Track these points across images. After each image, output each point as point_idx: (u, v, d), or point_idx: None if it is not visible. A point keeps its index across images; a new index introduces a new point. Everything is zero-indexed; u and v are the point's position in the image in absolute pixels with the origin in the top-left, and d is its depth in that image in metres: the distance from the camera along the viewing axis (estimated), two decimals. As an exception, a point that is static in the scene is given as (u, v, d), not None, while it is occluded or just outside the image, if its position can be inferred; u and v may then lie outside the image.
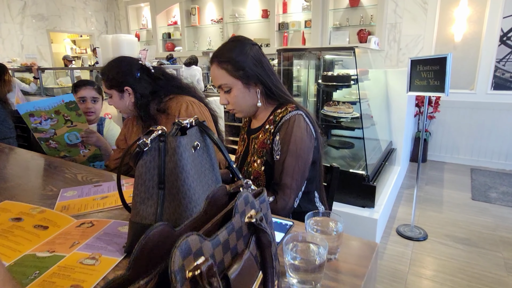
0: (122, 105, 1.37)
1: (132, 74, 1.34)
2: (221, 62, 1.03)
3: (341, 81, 2.45)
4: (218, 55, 1.03)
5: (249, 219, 0.40)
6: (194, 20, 5.83)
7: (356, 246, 0.68)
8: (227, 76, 1.02)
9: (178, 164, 0.60)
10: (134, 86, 1.33)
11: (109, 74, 1.34)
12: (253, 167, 1.05)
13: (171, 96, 1.38)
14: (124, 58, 1.39)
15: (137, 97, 1.35)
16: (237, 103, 1.05)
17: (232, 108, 1.07)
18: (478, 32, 3.86)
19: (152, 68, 1.39)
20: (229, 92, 1.04)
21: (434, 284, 2.01)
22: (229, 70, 1.02)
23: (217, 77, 1.03)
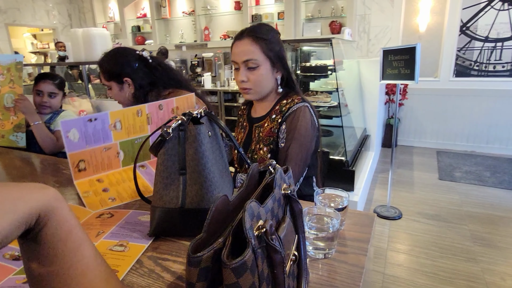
0: (122, 96, 1.38)
1: (130, 65, 1.34)
2: (257, 38, 1.04)
3: (319, 72, 2.54)
4: (256, 31, 1.05)
5: (285, 191, 0.46)
6: (165, 12, 5.70)
7: (357, 218, 0.77)
8: (259, 52, 1.04)
9: (198, 150, 0.65)
10: (133, 77, 1.34)
11: (107, 65, 1.34)
12: (259, 154, 1.10)
13: (171, 90, 1.40)
14: (122, 48, 1.40)
15: (136, 88, 1.36)
16: (259, 82, 1.07)
17: (250, 88, 1.08)
18: (441, 23, 4.11)
19: (150, 58, 1.40)
20: (254, 70, 1.05)
21: (411, 257, 2.19)
22: (263, 48, 1.04)
23: (248, 52, 1.03)
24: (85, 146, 0.99)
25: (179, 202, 0.65)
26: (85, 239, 0.34)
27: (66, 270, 0.32)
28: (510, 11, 3.76)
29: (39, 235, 0.31)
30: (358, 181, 2.68)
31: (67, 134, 0.94)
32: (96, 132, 1.01)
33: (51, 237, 0.31)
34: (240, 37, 1.06)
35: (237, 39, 1.06)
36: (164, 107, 1.15)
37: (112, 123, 1.04)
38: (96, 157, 1.02)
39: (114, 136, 1.05)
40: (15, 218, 0.27)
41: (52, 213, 0.31)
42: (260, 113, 1.15)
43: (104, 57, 1.36)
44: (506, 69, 3.92)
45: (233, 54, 1.07)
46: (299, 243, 0.47)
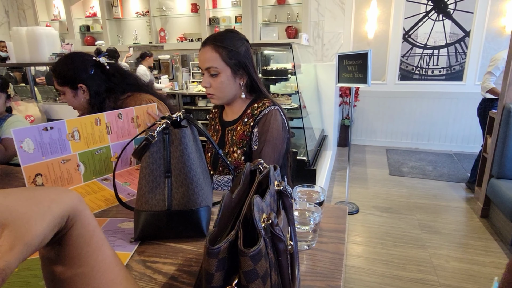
0: (76, 102, 1.32)
1: (86, 71, 1.30)
2: (217, 46, 1.07)
3: (280, 75, 2.63)
4: (216, 39, 1.08)
5: (278, 187, 0.50)
6: (117, 12, 5.46)
7: (332, 211, 0.83)
8: (219, 60, 1.07)
9: (184, 153, 0.66)
10: (88, 83, 1.30)
11: (61, 70, 1.28)
12: (232, 157, 1.12)
13: (129, 94, 1.37)
14: (77, 54, 1.34)
15: (91, 95, 1.31)
16: (221, 89, 1.10)
17: (213, 93, 1.11)
18: (386, 31, 4.46)
19: (107, 64, 1.36)
20: (215, 77, 1.08)
21: (368, 248, 2.35)
22: (223, 55, 1.07)
23: (209, 59, 1.07)
24: (42, 158, 0.93)
25: (166, 205, 0.66)
26: (105, 240, 0.35)
27: (90, 270, 0.32)
28: (444, 21, 4.21)
29: (65, 236, 0.31)
30: (319, 179, 2.81)
31: (21, 145, 0.88)
32: (53, 142, 0.95)
33: (77, 238, 0.31)
34: (204, 44, 1.10)
35: (202, 46, 1.10)
36: (123, 116, 1.13)
37: (70, 133, 0.99)
38: (54, 170, 0.96)
39: (73, 147, 1.00)
40: (51, 219, 0.28)
41: (78, 215, 0.31)
42: (231, 117, 1.18)
43: (58, 61, 1.32)
44: (442, 73, 4.37)
45: (199, 61, 1.11)
46: (291, 235, 0.51)
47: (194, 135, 0.79)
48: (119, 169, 1.12)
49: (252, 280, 0.34)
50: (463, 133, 4.40)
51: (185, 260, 0.62)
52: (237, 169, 1.10)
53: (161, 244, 0.68)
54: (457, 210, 2.88)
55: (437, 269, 2.09)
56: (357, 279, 2.04)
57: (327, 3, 4.51)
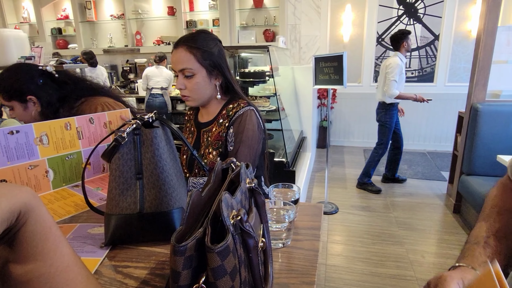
0: (27, 116, 1.24)
1: (33, 81, 1.22)
2: (191, 47, 1.06)
3: (257, 77, 2.64)
4: (189, 40, 1.06)
5: (249, 184, 0.49)
6: (90, 15, 5.32)
7: (307, 209, 0.84)
8: (194, 61, 1.06)
9: (156, 154, 0.65)
10: (38, 94, 1.23)
11: (7, 84, 1.20)
12: (208, 158, 1.11)
13: (83, 99, 1.31)
14: (21, 64, 1.28)
15: (43, 106, 1.24)
16: (196, 90, 1.09)
17: (188, 95, 1.09)
18: (361, 34, 4.58)
19: (56, 72, 1.29)
20: (190, 78, 1.07)
21: (348, 247, 2.39)
22: (197, 56, 1.06)
23: (183, 61, 1.05)
24: (7, 163, 0.88)
25: (138, 207, 0.64)
26: (63, 237, 0.33)
27: (47, 268, 0.31)
28: (415, 25, 4.37)
29: (19, 233, 0.29)
30: (298, 180, 2.83)
31: (-16, 149, 0.84)
32: (20, 147, 0.91)
33: (31, 234, 0.30)
34: (176, 46, 1.08)
35: (174, 48, 1.08)
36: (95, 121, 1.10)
37: (38, 137, 0.95)
38: (20, 176, 0.92)
39: (41, 152, 0.96)
40: None
41: (31, 211, 0.30)
42: (207, 118, 1.17)
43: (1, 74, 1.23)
44: (415, 75, 4.53)
45: (171, 62, 1.09)
46: (263, 232, 0.51)
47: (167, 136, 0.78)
48: (90, 176, 1.09)
49: (220, 276, 0.33)
50: (435, 132, 4.57)
51: (158, 263, 0.61)
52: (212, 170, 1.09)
53: (133, 248, 0.66)
54: (432, 206, 2.99)
55: (414, 264, 2.15)
56: (337, 277, 2.06)
57: (303, 7, 4.58)
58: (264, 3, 4.66)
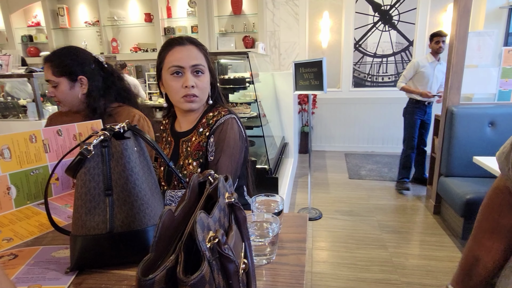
0: (70, 95, 1.26)
1: (88, 64, 1.28)
2: (198, 46, 1.03)
3: (238, 84, 2.61)
4: (193, 40, 1.03)
5: (229, 200, 0.45)
6: (63, 21, 5.15)
7: (291, 220, 0.80)
8: (204, 60, 1.03)
9: (127, 167, 0.59)
10: (89, 76, 1.28)
11: (62, 60, 1.24)
12: (188, 170, 1.05)
13: (121, 104, 1.35)
14: (77, 47, 1.31)
15: (90, 89, 1.28)
16: (205, 90, 1.05)
17: (197, 95, 1.02)
18: (338, 40, 4.66)
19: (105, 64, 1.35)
20: (200, 76, 1.02)
21: (333, 252, 2.37)
22: (205, 56, 1.04)
23: (196, 57, 1.01)
24: None
25: (107, 227, 0.58)
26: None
27: None
28: (390, 32, 4.49)
29: None
30: (281, 187, 2.80)
31: None
32: None
33: None
34: (181, 43, 1.01)
35: (177, 44, 1.01)
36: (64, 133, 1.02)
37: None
38: None
39: (2, 167, 0.88)
40: None
41: None
42: (186, 127, 1.11)
43: (56, 52, 1.28)
44: (391, 80, 4.64)
45: (175, 59, 0.99)
46: (245, 251, 0.47)
47: (140, 147, 0.72)
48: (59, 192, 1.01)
49: (195, 312, 0.28)
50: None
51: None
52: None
53: (103, 272, 0.60)
54: (413, 208, 3.03)
55: (397, 267, 2.15)
56: (323, 285, 2.03)
57: (282, 14, 4.61)
58: (243, 10, 4.66)
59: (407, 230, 2.65)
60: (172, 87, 1.01)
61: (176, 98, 1.02)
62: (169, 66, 0.99)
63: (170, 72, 1.00)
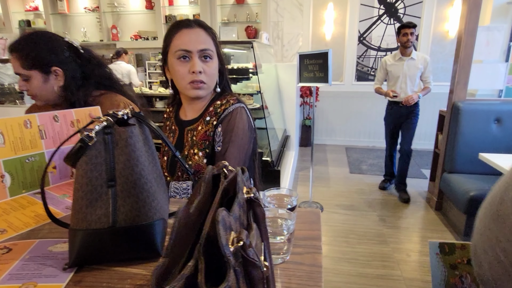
0: (45, 89, 1.12)
1: (61, 52, 1.11)
2: (207, 30, 0.97)
3: (241, 74, 2.55)
4: (201, 23, 0.98)
5: (248, 195, 0.41)
6: (62, 6, 5.03)
7: (304, 216, 0.76)
8: (212, 44, 0.98)
9: (132, 156, 0.55)
10: (64, 67, 1.12)
11: (30, 51, 1.07)
12: (193, 160, 1.00)
13: (103, 91, 1.20)
14: (46, 32, 1.15)
15: (67, 80, 1.13)
16: (213, 76, 0.99)
17: (205, 81, 0.96)
18: (343, 33, 4.57)
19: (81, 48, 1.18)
20: (208, 62, 0.96)
21: (333, 247, 2.35)
22: (214, 41, 0.99)
23: (204, 41, 0.95)
24: None
25: (110, 221, 0.53)
26: None
27: None
28: (395, 25, 4.41)
29: None
30: (283, 179, 2.77)
31: None
32: None
33: None
34: (189, 25, 0.95)
35: (184, 27, 0.95)
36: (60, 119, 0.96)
37: None
38: None
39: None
40: None
41: None
42: (192, 115, 1.06)
43: (22, 40, 1.09)
44: (395, 74, 4.58)
45: (182, 42, 0.94)
46: (265, 252, 0.42)
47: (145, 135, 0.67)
48: (56, 181, 0.96)
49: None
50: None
51: (135, 287, 0.51)
52: (198, 173, 0.99)
53: (104, 269, 0.56)
54: (414, 204, 3.00)
55: (400, 263, 2.13)
56: (324, 280, 2.00)
57: (286, 4, 4.52)
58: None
59: (408, 226, 2.62)
60: (179, 72, 0.95)
61: (183, 84, 0.97)
62: (176, 50, 0.94)
63: (176, 56, 0.94)
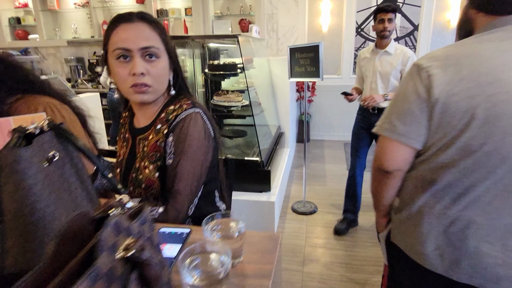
0: None
1: None
2: (152, 23, 0.85)
3: (228, 70, 2.43)
4: (146, 15, 0.85)
5: (124, 253, 0.29)
6: (52, 3, 4.91)
7: (259, 242, 0.65)
8: (159, 41, 0.85)
9: (21, 185, 0.44)
10: None
11: None
12: (144, 174, 0.89)
13: (19, 96, 1.04)
14: None
15: None
16: (160, 78, 0.86)
17: (149, 84, 0.84)
18: (340, 24, 4.41)
19: None
20: (154, 62, 0.84)
21: (327, 250, 2.24)
22: (161, 36, 0.86)
23: (148, 37, 0.83)
24: None
25: (-7, 267, 0.43)
26: None
27: None
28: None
29: None
30: (275, 179, 2.66)
31: None
32: None
33: None
34: (129, 19, 0.82)
35: (123, 22, 0.82)
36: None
37: None
38: None
39: None
40: None
41: None
42: (143, 122, 0.94)
43: None
44: (394, 67, 4.42)
45: (119, 40, 0.80)
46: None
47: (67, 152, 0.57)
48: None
49: None
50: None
51: None
52: (150, 189, 0.88)
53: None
54: (412, 203, 2.88)
55: (394, 268, 2.02)
56: (314, 286, 1.91)
57: (280, -5, 4.36)
58: (239, -10, 4.41)
59: (406, 227, 2.50)
60: (118, 75, 0.83)
61: (124, 88, 0.84)
62: (114, 49, 0.81)
63: (115, 56, 0.82)
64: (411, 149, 0.78)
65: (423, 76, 0.73)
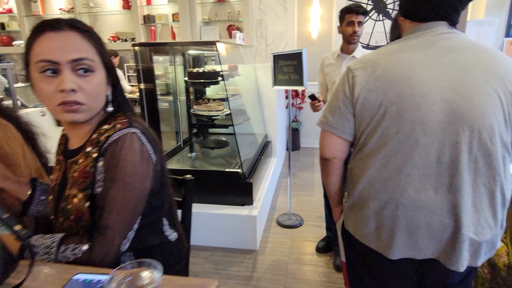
0: None
1: None
2: (84, 32, 0.73)
3: (208, 78, 2.33)
4: (78, 23, 0.74)
5: None
6: (37, 8, 4.81)
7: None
8: (94, 52, 0.74)
9: None
10: None
11: None
12: (72, 204, 0.77)
13: None
14: None
15: None
16: (95, 94, 0.75)
17: (82, 102, 0.72)
18: (329, 30, 4.34)
19: None
20: (87, 76, 0.73)
21: (312, 268, 2.13)
22: (96, 47, 0.75)
23: (79, 48, 0.72)
24: None
25: None
26: None
27: None
28: (385, 21, 4.18)
29: None
30: (258, 192, 2.55)
31: None
32: None
33: None
34: (55, 27, 0.70)
35: (49, 29, 0.70)
36: None
37: None
38: None
39: None
40: None
41: None
42: (75, 143, 0.82)
43: None
44: (385, 73, 4.35)
45: (44, 50, 0.69)
46: None
47: None
48: None
49: None
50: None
51: None
52: (79, 221, 0.76)
53: None
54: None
55: (381, 287, 1.91)
56: (295, 309, 1.79)
57: (269, 1, 4.29)
58: (227, -4, 4.34)
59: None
60: (42, 91, 0.71)
61: (50, 106, 0.72)
62: (37, 60, 0.69)
63: (38, 69, 0.70)
64: (341, 139, 0.93)
65: (349, 77, 0.86)
